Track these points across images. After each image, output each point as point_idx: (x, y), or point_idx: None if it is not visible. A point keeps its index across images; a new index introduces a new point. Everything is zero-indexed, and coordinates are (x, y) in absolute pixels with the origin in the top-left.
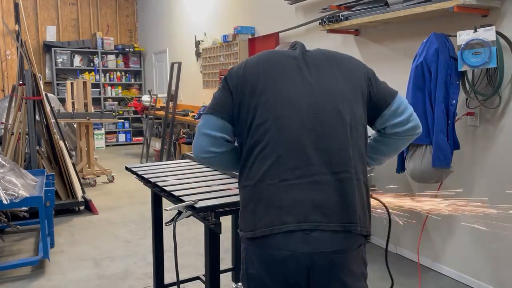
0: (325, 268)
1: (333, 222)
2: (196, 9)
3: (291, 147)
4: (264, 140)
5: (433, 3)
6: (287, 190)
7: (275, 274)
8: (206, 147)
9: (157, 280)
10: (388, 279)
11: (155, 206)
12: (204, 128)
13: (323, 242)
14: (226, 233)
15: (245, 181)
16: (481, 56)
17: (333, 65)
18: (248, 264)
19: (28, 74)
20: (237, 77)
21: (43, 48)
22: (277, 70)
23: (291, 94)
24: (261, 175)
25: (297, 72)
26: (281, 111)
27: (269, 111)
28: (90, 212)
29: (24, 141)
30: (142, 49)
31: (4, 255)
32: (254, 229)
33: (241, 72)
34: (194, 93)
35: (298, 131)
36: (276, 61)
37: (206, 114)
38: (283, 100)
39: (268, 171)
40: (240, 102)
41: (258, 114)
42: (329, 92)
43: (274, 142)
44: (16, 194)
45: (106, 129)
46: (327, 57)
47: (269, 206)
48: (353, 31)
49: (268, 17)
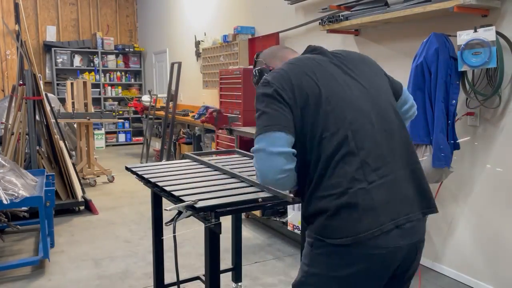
0: (413, 255)
1: (416, 211)
2: (196, 9)
3: (370, 150)
4: (342, 148)
5: (433, 3)
6: (377, 192)
7: (372, 271)
8: (283, 166)
9: (157, 280)
10: None
11: (155, 206)
12: (275, 147)
13: (414, 233)
14: (226, 233)
15: (325, 191)
16: (481, 56)
17: (365, 63)
18: (336, 267)
19: (28, 74)
20: (291, 90)
21: (43, 48)
22: (328, 77)
23: (353, 99)
24: (348, 181)
25: (344, 76)
26: (352, 117)
27: (340, 119)
28: (90, 212)
29: (24, 141)
30: (142, 49)
31: (4, 255)
32: (354, 235)
33: (291, 83)
34: (194, 93)
35: (372, 133)
36: (322, 68)
37: (271, 132)
38: (349, 106)
39: (355, 177)
40: (302, 114)
41: (329, 123)
42: (379, 90)
43: (354, 148)
44: (16, 194)
45: (106, 129)
46: (354, 56)
47: (365, 210)
48: (353, 31)
49: (268, 17)
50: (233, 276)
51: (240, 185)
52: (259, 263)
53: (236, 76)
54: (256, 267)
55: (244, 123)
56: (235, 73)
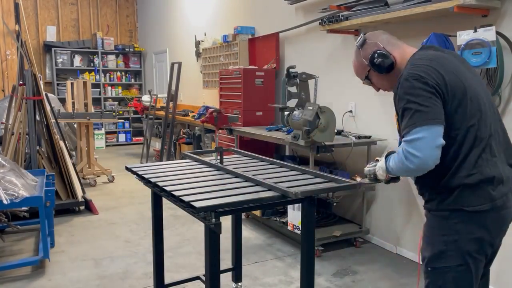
0: None
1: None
2: (196, 9)
3: (495, 137)
4: (479, 137)
5: (433, 3)
6: (501, 169)
7: (499, 229)
8: (439, 155)
9: (157, 280)
10: (388, 279)
11: (155, 206)
12: (438, 139)
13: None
14: (226, 233)
15: (468, 170)
16: (481, 56)
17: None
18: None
19: (28, 74)
20: (444, 85)
21: (43, 48)
22: (465, 74)
23: (480, 93)
24: (488, 163)
25: (469, 72)
26: (484, 110)
27: (477, 112)
28: (90, 212)
29: (24, 141)
30: (142, 49)
31: (4, 255)
32: (491, 201)
33: (444, 79)
34: (194, 93)
35: (494, 122)
36: (457, 65)
37: (433, 125)
38: (481, 101)
39: (490, 160)
40: (451, 108)
41: (471, 116)
42: (483, 84)
43: (487, 136)
44: (16, 194)
45: (106, 129)
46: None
47: (498, 182)
48: (353, 31)
49: (268, 17)
50: (233, 276)
51: (241, 184)
52: (259, 263)
53: (236, 76)
54: (256, 267)
55: (244, 123)
56: (235, 73)
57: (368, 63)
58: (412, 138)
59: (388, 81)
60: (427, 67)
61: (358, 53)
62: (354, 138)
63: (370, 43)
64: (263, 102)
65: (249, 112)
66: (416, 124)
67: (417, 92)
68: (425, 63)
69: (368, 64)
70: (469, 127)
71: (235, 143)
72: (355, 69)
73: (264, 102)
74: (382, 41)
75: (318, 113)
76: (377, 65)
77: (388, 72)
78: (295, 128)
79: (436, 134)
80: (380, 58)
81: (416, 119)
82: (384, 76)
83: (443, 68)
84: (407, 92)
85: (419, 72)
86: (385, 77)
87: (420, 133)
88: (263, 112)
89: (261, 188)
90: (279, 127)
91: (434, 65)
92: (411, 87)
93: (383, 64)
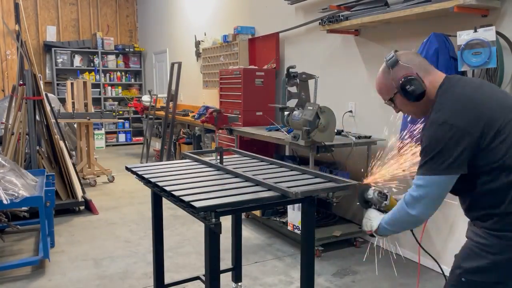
0: None
1: None
2: (196, 9)
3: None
4: None
5: (433, 3)
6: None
7: None
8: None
9: (157, 280)
10: (388, 279)
11: (155, 206)
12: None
13: None
14: (226, 233)
15: None
16: (481, 56)
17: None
18: None
19: (28, 74)
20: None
21: (43, 48)
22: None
23: None
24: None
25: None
26: None
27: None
28: (90, 212)
29: (24, 141)
30: (142, 49)
31: (4, 255)
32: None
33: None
34: (194, 93)
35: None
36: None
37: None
38: None
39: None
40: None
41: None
42: None
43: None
44: (16, 194)
45: (106, 129)
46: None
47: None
48: (353, 31)
49: (268, 17)
50: (233, 276)
51: (241, 184)
52: (259, 263)
53: (236, 76)
54: (256, 267)
55: (244, 123)
56: (235, 73)
57: (397, 86)
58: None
59: (414, 108)
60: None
61: (387, 72)
62: (354, 138)
63: (402, 66)
64: (263, 102)
65: (249, 112)
66: (437, 171)
67: (443, 142)
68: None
69: (396, 87)
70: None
71: (235, 143)
72: (379, 87)
73: (264, 102)
74: (415, 65)
75: (318, 113)
76: (408, 92)
77: (415, 101)
78: (295, 128)
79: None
80: (413, 86)
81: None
82: (411, 102)
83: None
84: (435, 138)
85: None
86: (411, 104)
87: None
88: (263, 112)
89: (261, 188)
90: (279, 127)
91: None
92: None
93: (414, 92)
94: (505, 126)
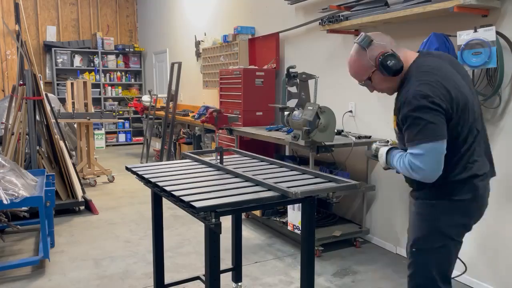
0: None
1: None
2: (196, 9)
3: (481, 137)
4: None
5: (433, 3)
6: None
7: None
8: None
9: (157, 280)
10: (388, 279)
11: (155, 206)
12: (442, 153)
13: None
14: (226, 233)
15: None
16: (481, 56)
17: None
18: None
19: (28, 74)
20: (449, 102)
21: (43, 48)
22: (463, 86)
23: (473, 100)
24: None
25: (462, 77)
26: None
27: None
28: (90, 212)
29: (24, 141)
30: (142, 49)
31: (4, 255)
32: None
33: (450, 96)
34: (194, 93)
35: (481, 124)
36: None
37: (439, 141)
38: (474, 106)
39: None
40: (455, 120)
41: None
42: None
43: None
44: (16, 194)
45: (106, 129)
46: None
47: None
48: (353, 31)
49: (268, 17)
50: (233, 276)
51: (241, 184)
52: (259, 263)
53: (236, 76)
54: (256, 267)
55: (244, 123)
56: (235, 73)
57: (376, 65)
58: (419, 152)
59: (391, 83)
60: (434, 84)
61: (363, 53)
62: (354, 138)
63: (377, 45)
64: (263, 102)
65: (249, 112)
66: (422, 140)
67: (424, 110)
68: (432, 79)
69: (376, 66)
70: (467, 134)
71: (235, 143)
72: (356, 69)
73: (264, 102)
74: (388, 43)
75: (318, 113)
76: (388, 67)
77: (394, 75)
78: (295, 128)
79: (440, 150)
80: (393, 61)
81: (422, 134)
82: (388, 78)
83: (448, 83)
84: (415, 109)
85: (427, 91)
86: (389, 79)
87: (426, 149)
88: (263, 112)
89: (261, 188)
90: (279, 127)
91: (440, 80)
92: (419, 105)
93: (394, 66)
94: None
